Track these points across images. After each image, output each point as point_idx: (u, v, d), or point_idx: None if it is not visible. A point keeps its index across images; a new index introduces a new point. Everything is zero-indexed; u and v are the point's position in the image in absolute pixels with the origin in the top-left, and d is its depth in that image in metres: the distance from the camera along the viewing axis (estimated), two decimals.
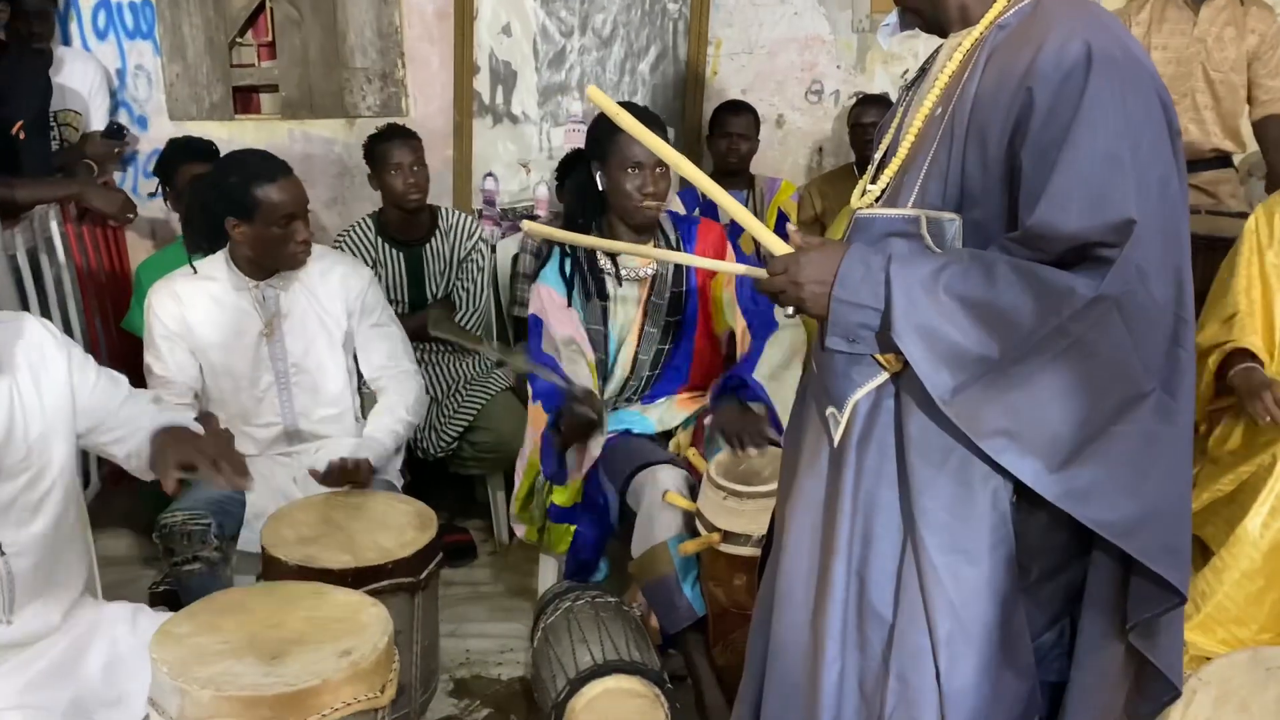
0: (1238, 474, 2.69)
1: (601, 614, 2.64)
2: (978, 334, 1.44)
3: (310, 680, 1.67)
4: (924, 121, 1.59)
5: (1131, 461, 1.45)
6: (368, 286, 2.93)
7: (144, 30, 4.11)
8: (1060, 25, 1.47)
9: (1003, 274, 1.44)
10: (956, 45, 1.59)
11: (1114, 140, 1.42)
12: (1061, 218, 1.41)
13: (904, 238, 1.56)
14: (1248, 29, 3.96)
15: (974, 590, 1.52)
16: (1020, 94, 1.45)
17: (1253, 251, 2.82)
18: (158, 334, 2.77)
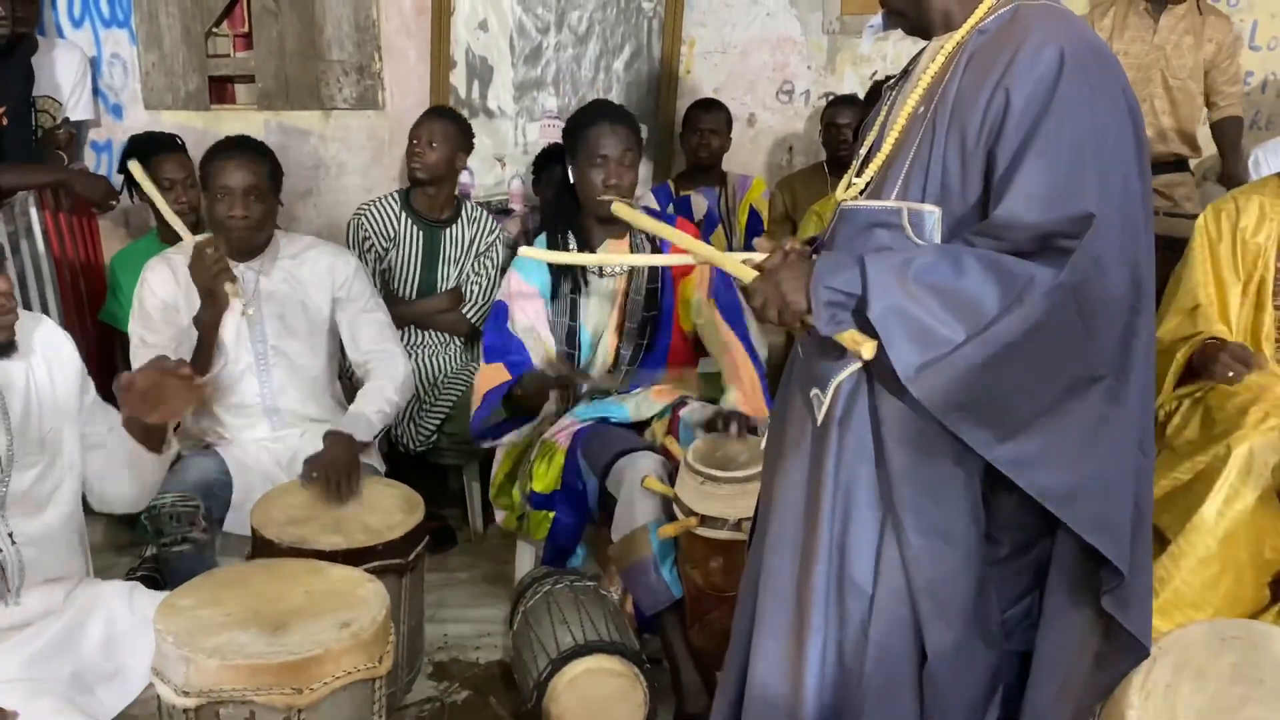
0: (1194, 463, 2.79)
1: (581, 597, 2.70)
2: (945, 317, 1.51)
3: (313, 649, 1.73)
4: (907, 119, 1.67)
5: (1077, 437, 1.54)
6: (353, 274, 2.99)
7: (120, 19, 4.09)
8: (1037, 31, 1.55)
9: (969, 264, 1.51)
10: (939, 48, 1.67)
11: (1079, 138, 1.51)
12: (1024, 209, 1.50)
13: (886, 228, 1.64)
14: (1205, 37, 4.09)
15: (951, 570, 1.61)
16: (998, 94, 1.54)
17: (1204, 248, 2.94)
18: (151, 306, 2.83)
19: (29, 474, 2.02)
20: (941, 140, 1.60)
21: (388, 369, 2.96)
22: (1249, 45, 4.70)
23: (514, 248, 3.70)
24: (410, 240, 3.68)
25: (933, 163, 1.60)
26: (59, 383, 2.08)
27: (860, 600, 1.67)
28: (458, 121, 3.73)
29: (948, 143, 1.59)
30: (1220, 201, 3.02)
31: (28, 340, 2.02)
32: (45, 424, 2.05)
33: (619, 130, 2.84)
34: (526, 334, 2.91)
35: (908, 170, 1.63)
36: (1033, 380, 1.52)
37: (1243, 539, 2.69)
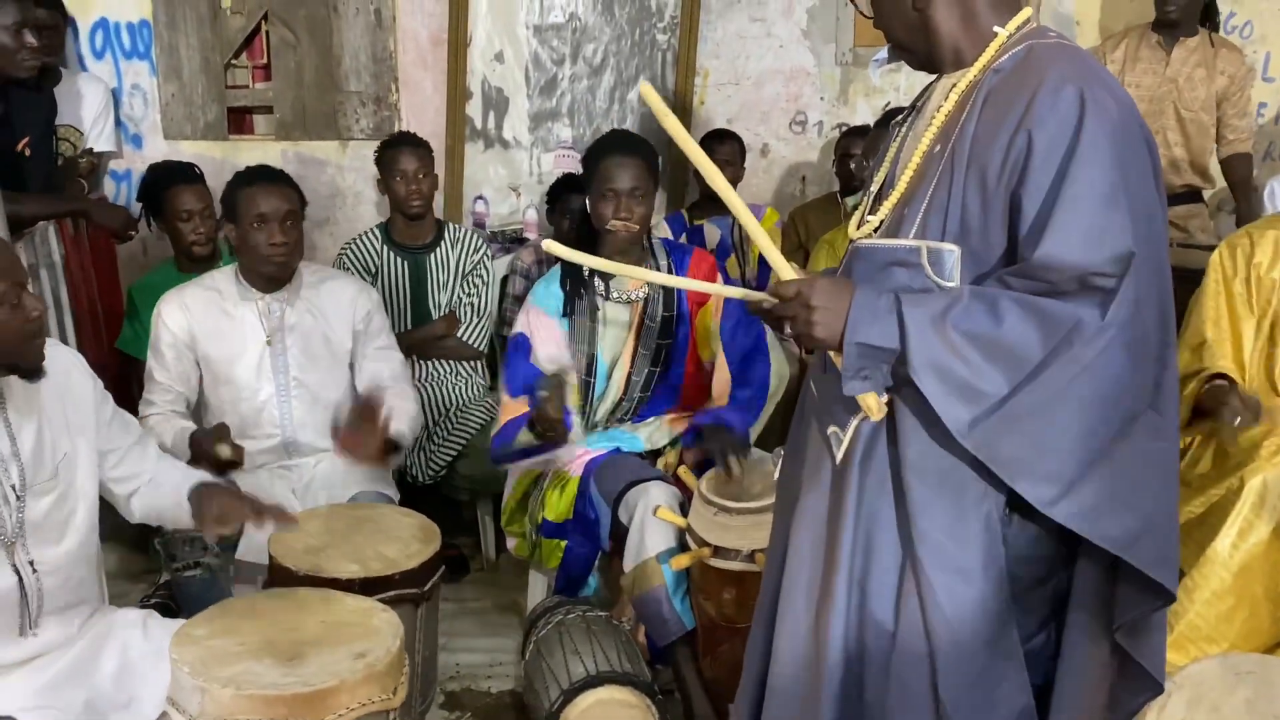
0: (1208, 496, 2.79)
1: (593, 627, 2.70)
2: (988, 368, 1.52)
3: (328, 681, 1.73)
4: (922, 158, 1.68)
5: (1130, 478, 1.54)
6: (374, 309, 3.02)
7: (141, 51, 4.16)
8: (1054, 71, 1.57)
9: (1007, 309, 1.52)
10: (951, 86, 1.68)
11: (1110, 179, 1.52)
12: (1066, 250, 1.50)
13: (905, 267, 1.65)
14: (1218, 70, 4.11)
15: (970, 608, 1.61)
16: (1019, 136, 1.55)
17: (1218, 284, 2.94)
18: (164, 342, 2.85)
19: (44, 501, 2.03)
20: (960, 180, 1.61)
21: (399, 404, 2.91)
22: (1263, 77, 4.71)
23: (528, 277, 3.73)
24: (395, 271, 3.71)
25: (952, 202, 1.61)
26: (70, 409, 2.09)
27: (881, 638, 1.67)
28: (426, 144, 3.77)
29: (967, 183, 1.60)
30: (1235, 237, 3.03)
31: None
32: (58, 450, 2.06)
33: (631, 162, 2.85)
34: (551, 365, 2.91)
35: (926, 209, 1.64)
36: (1085, 425, 1.52)
37: (1257, 572, 2.68)
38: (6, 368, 1.96)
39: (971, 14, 1.67)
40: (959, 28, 1.67)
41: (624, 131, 3.23)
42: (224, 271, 2.93)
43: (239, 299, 2.87)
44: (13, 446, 1.99)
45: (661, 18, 4.35)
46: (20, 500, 1.99)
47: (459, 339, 3.72)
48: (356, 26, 4.17)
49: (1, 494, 1.97)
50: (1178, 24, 4.07)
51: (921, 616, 1.63)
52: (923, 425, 1.59)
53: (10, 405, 2.00)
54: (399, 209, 3.70)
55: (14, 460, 1.99)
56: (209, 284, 2.91)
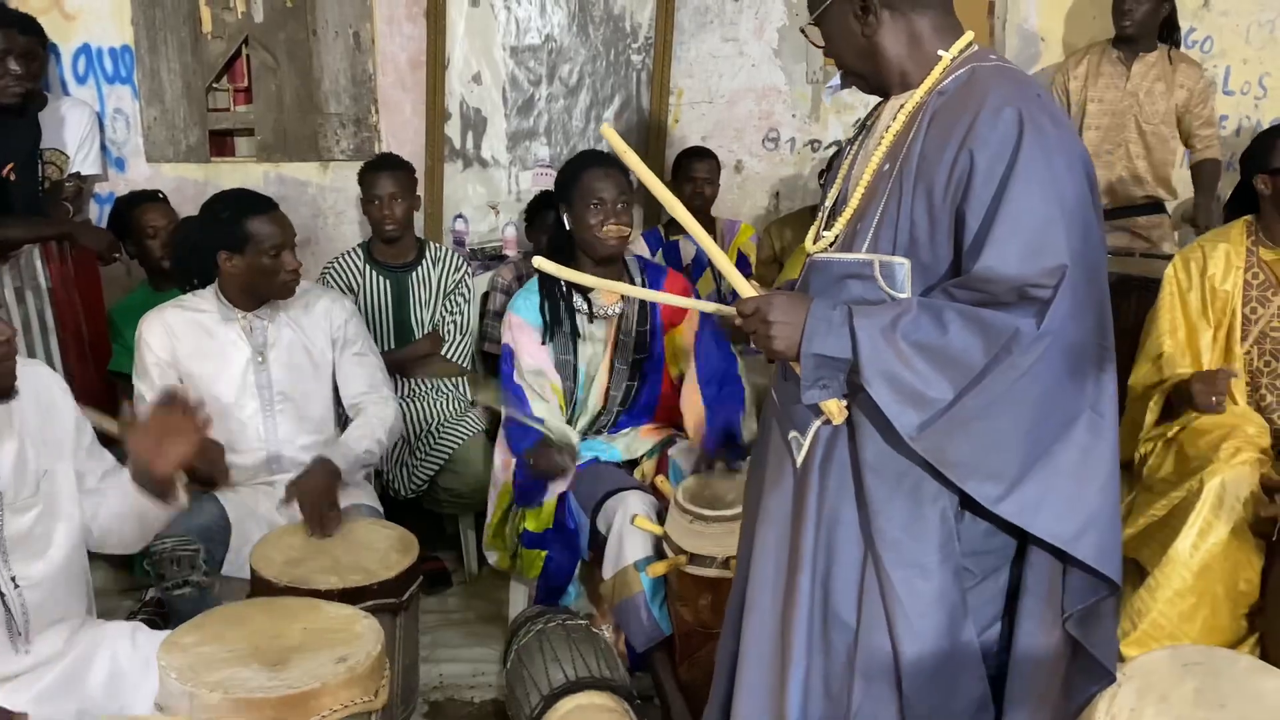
0: (1170, 499, 2.87)
1: (572, 635, 2.74)
2: (935, 376, 1.61)
3: (311, 684, 1.79)
4: (872, 175, 1.77)
5: (1071, 475, 1.63)
6: (349, 318, 3.06)
7: (123, 75, 4.22)
8: (994, 93, 1.66)
9: (951, 319, 1.61)
10: (899, 106, 1.77)
11: (1046, 195, 1.62)
12: (1004, 264, 1.60)
13: (859, 279, 1.74)
14: (1176, 84, 4.21)
15: (928, 602, 1.69)
16: (963, 155, 1.64)
17: (1173, 296, 3.03)
18: (149, 362, 2.87)
19: (26, 517, 2.06)
20: (909, 197, 1.70)
21: (379, 411, 3.01)
22: (1223, 90, 4.82)
23: (508, 293, 3.79)
24: (377, 289, 3.77)
25: (901, 218, 1.70)
26: (51, 425, 2.13)
27: (844, 634, 1.75)
28: (406, 167, 3.82)
29: (915, 199, 1.69)
30: (1188, 250, 3.12)
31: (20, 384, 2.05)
32: (40, 466, 2.09)
33: (613, 175, 2.92)
34: (535, 377, 2.97)
35: (877, 224, 1.73)
36: (1025, 426, 1.62)
37: (1217, 571, 2.76)
38: None
39: (916, 39, 1.76)
40: (905, 52, 1.76)
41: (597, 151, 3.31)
42: (203, 292, 2.95)
43: (221, 318, 2.90)
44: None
45: (636, 38, 4.43)
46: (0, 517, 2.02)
47: (443, 357, 3.78)
48: (336, 50, 4.24)
49: None
50: (1136, 40, 4.17)
51: (883, 610, 1.70)
52: (878, 429, 1.68)
53: None
54: (376, 231, 3.76)
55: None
56: (190, 304, 2.93)
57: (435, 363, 3.77)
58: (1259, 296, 2.99)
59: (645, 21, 4.41)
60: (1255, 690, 1.75)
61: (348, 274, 3.77)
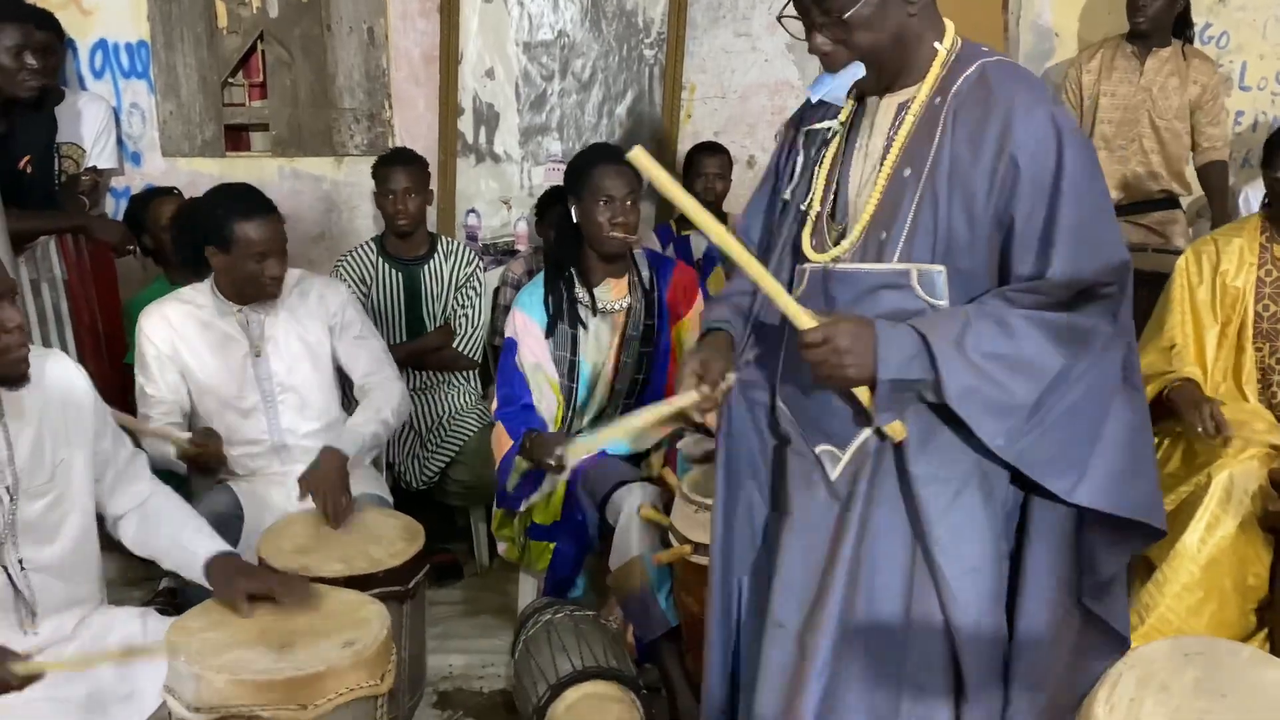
0: (1177, 494, 2.86)
1: (580, 626, 2.76)
2: (1014, 383, 1.65)
3: (317, 666, 1.81)
4: (889, 181, 1.75)
5: (1124, 449, 1.72)
6: (345, 302, 3.07)
7: (139, 70, 4.25)
8: (1020, 94, 1.69)
9: (1017, 325, 1.65)
10: (898, 106, 1.76)
11: (1095, 194, 1.68)
12: (1074, 268, 1.64)
13: (894, 289, 1.74)
14: (1190, 79, 4.19)
15: (983, 598, 1.74)
16: (1004, 161, 1.67)
17: (1184, 289, 3.02)
18: (149, 355, 2.90)
19: (38, 503, 2.09)
20: (945, 204, 1.70)
21: (383, 392, 3.03)
22: (1239, 86, 4.79)
23: (519, 287, 3.80)
24: (390, 283, 3.80)
25: (939, 225, 1.71)
26: (71, 416, 2.16)
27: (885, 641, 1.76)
28: (420, 161, 3.83)
29: (951, 206, 1.70)
30: (1200, 243, 3.10)
31: (40, 373, 2.10)
32: (56, 455, 2.12)
33: (623, 171, 2.93)
34: (534, 371, 2.99)
35: (909, 232, 1.72)
36: (1091, 416, 1.69)
37: (1225, 566, 2.76)
38: None
39: (924, 26, 1.75)
40: (911, 41, 1.75)
41: (607, 144, 3.33)
42: (200, 286, 2.96)
43: (217, 313, 2.92)
44: (9, 452, 2.06)
45: (648, 33, 4.44)
46: (12, 500, 2.05)
47: (454, 350, 3.80)
48: (350, 45, 4.26)
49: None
50: (1149, 35, 4.16)
51: (940, 612, 1.73)
52: (927, 442, 1.71)
53: (10, 410, 2.07)
54: (389, 225, 3.79)
55: (9, 464, 2.05)
56: (187, 298, 2.95)
57: (445, 355, 3.80)
58: (1271, 293, 2.97)
59: (658, 17, 4.42)
60: (1257, 680, 1.74)
61: (360, 267, 3.80)
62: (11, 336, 1.97)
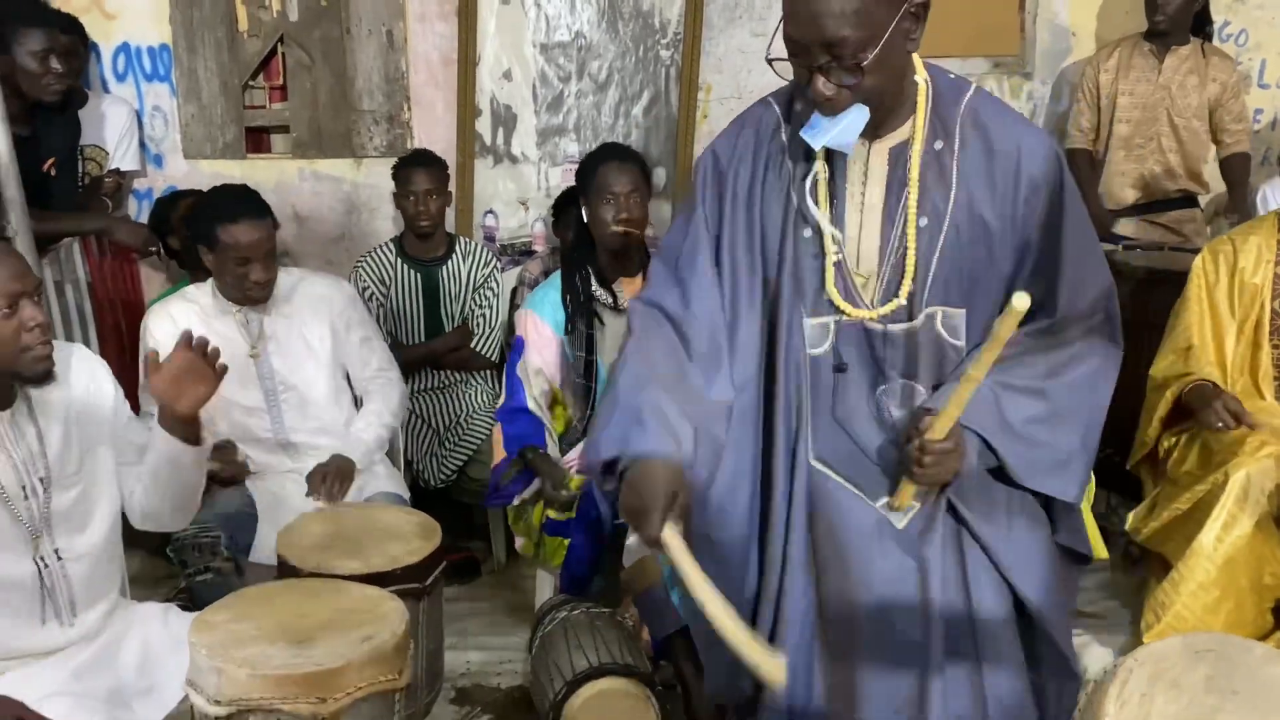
0: (1194, 493, 2.87)
1: (596, 623, 2.78)
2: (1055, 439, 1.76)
3: (336, 661, 1.84)
4: (915, 233, 1.75)
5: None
6: (348, 303, 3.11)
7: (161, 74, 4.29)
8: (1020, 128, 1.75)
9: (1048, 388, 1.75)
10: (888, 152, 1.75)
11: (1086, 222, 1.74)
12: (1080, 299, 1.74)
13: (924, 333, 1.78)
14: (1209, 78, 4.19)
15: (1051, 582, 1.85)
16: (1024, 193, 1.72)
17: (1201, 289, 3.02)
18: None
19: (69, 494, 2.14)
20: (969, 251, 1.74)
21: (383, 392, 3.11)
22: (1258, 83, 4.78)
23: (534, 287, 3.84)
24: (408, 283, 3.83)
25: (963, 270, 1.75)
26: (95, 407, 2.20)
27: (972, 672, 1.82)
28: (440, 163, 3.88)
29: (974, 251, 1.73)
30: (1217, 242, 3.11)
31: (65, 368, 2.15)
32: (83, 445, 2.17)
33: (626, 168, 2.98)
34: (535, 375, 3.04)
35: (934, 281, 1.75)
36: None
37: (1242, 565, 2.76)
38: (8, 373, 2.05)
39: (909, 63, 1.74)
40: (905, 79, 1.74)
41: (614, 143, 3.35)
42: (202, 285, 3.01)
43: (218, 313, 2.96)
44: (40, 445, 2.11)
45: (665, 34, 4.46)
46: (46, 492, 2.10)
47: (472, 349, 3.83)
48: (369, 48, 4.30)
49: (31, 487, 2.08)
50: (1168, 34, 4.15)
51: None
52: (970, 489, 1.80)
53: (38, 406, 2.12)
54: (409, 226, 3.82)
55: (41, 457, 2.10)
56: (191, 296, 3.00)
57: (463, 355, 3.83)
58: None
59: (674, 17, 4.44)
60: (1268, 678, 1.74)
61: (380, 268, 3.83)
62: (34, 335, 2.01)
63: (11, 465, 2.07)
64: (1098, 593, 3.44)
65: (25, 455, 2.08)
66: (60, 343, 2.18)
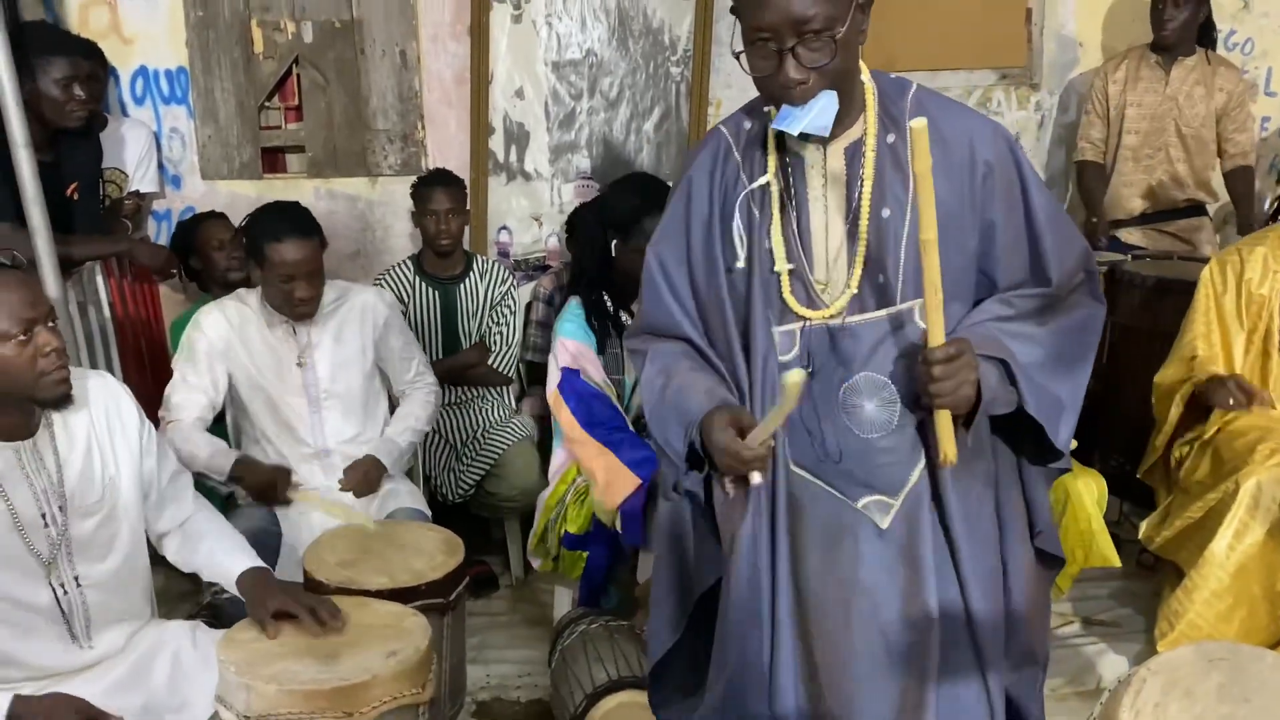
0: (1205, 501, 2.90)
1: (615, 636, 2.81)
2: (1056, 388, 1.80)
3: (362, 676, 1.88)
4: (869, 224, 1.76)
5: None
6: (389, 313, 3.22)
7: (179, 96, 4.35)
8: (968, 119, 1.82)
9: (1040, 337, 1.79)
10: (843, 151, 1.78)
11: (1046, 194, 1.82)
12: (1063, 267, 1.80)
13: (902, 328, 1.78)
14: (1216, 87, 4.21)
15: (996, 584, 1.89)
16: (978, 170, 1.76)
17: (1209, 299, 3.06)
18: (200, 347, 3.01)
19: (90, 521, 2.18)
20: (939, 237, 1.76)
21: (421, 396, 3.26)
22: (1265, 91, 4.80)
23: (550, 302, 3.87)
24: (427, 301, 3.87)
25: None
26: (117, 434, 2.24)
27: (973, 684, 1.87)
28: (459, 182, 3.92)
29: (944, 238, 1.71)
30: (1225, 254, 3.14)
31: (86, 394, 2.19)
32: (105, 473, 2.21)
33: None
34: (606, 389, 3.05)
35: (905, 270, 1.76)
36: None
37: (1254, 572, 2.79)
38: (28, 399, 2.09)
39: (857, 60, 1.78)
40: (857, 74, 1.77)
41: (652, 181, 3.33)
42: (251, 293, 3.11)
43: (265, 323, 3.06)
44: (59, 471, 2.14)
45: (675, 51, 4.51)
46: (65, 521, 2.13)
47: (489, 366, 3.88)
48: (383, 68, 4.35)
49: (50, 514, 2.12)
50: (1175, 45, 4.18)
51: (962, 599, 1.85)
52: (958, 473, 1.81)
53: (60, 431, 2.16)
54: (429, 244, 3.86)
55: (60, 485, 2.14)
56: (242, 299, 3.10)
57: (481, 371, 3.87)
58: None
59: (684, 34, 4.48)
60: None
61: (398, 285, 3.88)
62: (50, 360, 2.04)
63: (31, 494, 2.10)
64: (1112, 601, 3.46)
65: (45, 484, 2.12)
66: (83, 370, 2.22)
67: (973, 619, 1.83)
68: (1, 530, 2.06)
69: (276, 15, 4.26)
